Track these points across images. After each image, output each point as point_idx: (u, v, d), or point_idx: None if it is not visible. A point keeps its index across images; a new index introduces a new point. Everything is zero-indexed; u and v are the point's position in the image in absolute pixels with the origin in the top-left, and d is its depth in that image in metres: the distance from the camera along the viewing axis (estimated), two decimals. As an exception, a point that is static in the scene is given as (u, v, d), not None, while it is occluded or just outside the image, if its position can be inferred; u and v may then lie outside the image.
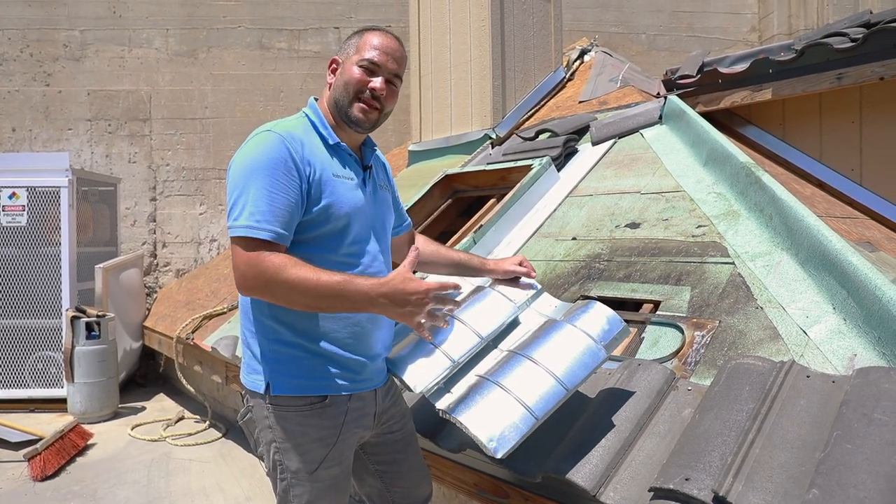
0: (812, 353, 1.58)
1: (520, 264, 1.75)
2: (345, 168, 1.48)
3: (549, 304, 1.71)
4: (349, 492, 1.55)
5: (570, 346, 1.48)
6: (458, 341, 1.53)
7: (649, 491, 1.33)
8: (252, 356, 1.47)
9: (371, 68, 1.45)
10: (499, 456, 1.33)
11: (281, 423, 1.42)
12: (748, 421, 1.34)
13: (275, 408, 1.42)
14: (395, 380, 1.62)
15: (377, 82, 1.45)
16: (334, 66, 1.51)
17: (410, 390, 1.51)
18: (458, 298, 1.59)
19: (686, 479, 1.26)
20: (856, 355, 1.51)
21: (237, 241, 1.32)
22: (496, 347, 1.60)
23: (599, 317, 1.54)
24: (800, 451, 1.25)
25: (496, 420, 1.37)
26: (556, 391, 1.42)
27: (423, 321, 1.35)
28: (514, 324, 1.65)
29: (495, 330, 1.61)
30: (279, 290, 1.30)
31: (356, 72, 1.45)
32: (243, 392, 1.53)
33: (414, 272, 1.39)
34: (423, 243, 1.80)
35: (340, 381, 1.44)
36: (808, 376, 1.43)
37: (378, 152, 1.68)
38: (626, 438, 1.52)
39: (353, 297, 1.31)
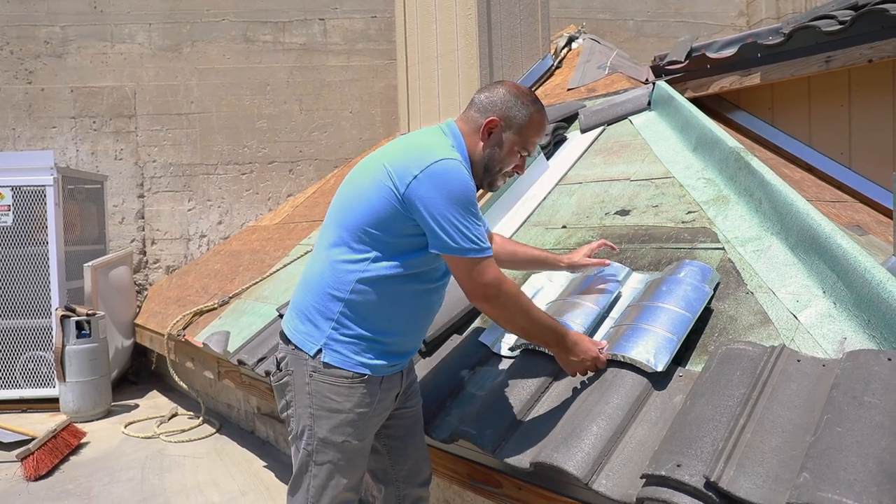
0: (802, 337, 1.58)
1: (593, 254, 2.00)
2: None
3: (639, 280, 2.04)
4: (365, 468, 1.65)
5: (682, 289, 1.76)
6: (583, 314, 1.89)
7: (641, 478, 1.33)
8: (311, 321, 1.56)
9: (524, 154, 1.63)
10: (659, 368, 1.58)
11: (321, 390, 1.53)
12: (739, 406, 1.33)
13: (318, 374, 1.53)
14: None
15: (523, 165, 1.66)
16: (494, 126, 1.58)
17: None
18: (568, 287, 2.11)
19: (678, 466, 1.26)
20: (846, 338, 1.51)
21: (469, 258, 1.46)
22: (608, 317, 1.93)
23: (694, 267, 1.86)
24: (791, 435, 1.25)
25: (648, 346, 1.63)
26: (685, 318, 1.68)
27: (580, 374, 1.68)
28: (617, 298, 1.99)
29: (607, 303, 1.94)
30: (512, 309, 1.51)
31: (517, 154, 1.62)
32: (280, 356, 1.63)
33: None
34: (501, 243, 1.96)
35: (382, 365, 1.57)
36: (798, 360, 1.43)
37: None
38: (618, 426, 1.52)
39: (556, 336, 1.59)
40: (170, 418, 4.36)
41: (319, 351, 1.53)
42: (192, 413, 4.46)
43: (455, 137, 1.59)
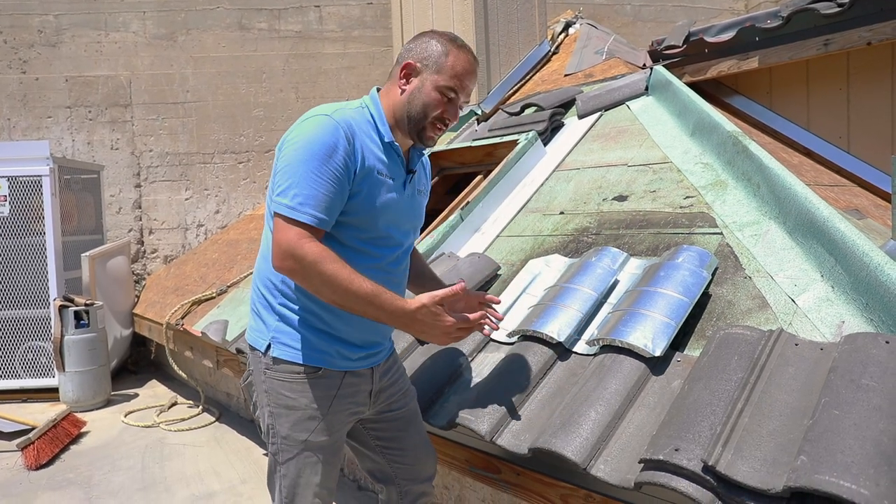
0: (800, 321, 1.57)
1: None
2: (391, 167, 1.49)
3: (637, 265, 2.03)
4: (339, 466, 1.58)
5: (680, 274, 1.75)
6: (581, 299, 1.89)
7: (639, 462, 1.33)
8: (258, 316, 1.52)
9: (451, 96, 1.47)
10: (657, 353, 1.58)
11: (275, 387, 1.47)
12: (737, 390, 1.33)
13: (271, 372, 1.47)
14: (520, 337, 1.90)
15: (451, 111, 1.49)
16: (408, 72, 1.48)
17: (555, 341, 1.80)
18: (566, 273, 2.07)
19: (676, 450, 1.26)
20: (844, 322, 1.51)
21: (279, 217, 1.34)
22: (606, 302, 1.93)
23: (692, 252, 1.85)
24: (788, 418, 1.26)
25: (646, 331, 1.62)
26: (683, 303, 1.68)
27: (449, 339, 1.46)
28: (615, 283, 1.99)
29: (605, 288, 1.94)
30: (313, 280, 1.33)
31: (437, 97, 1.46)
32: (246, 356, 1.58)
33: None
34: (416, 261, 1.83)
35: (337, 359, 1.48)
36: (796, 344, 1.43)
37: (425, 158, 1.71)
38: (616, 411, 1.52)
39: (384, 308, 1.37)
40: (169, 407, 4.37)
41: (269, 346, 1.47)
42: (191, 402, 4.47)
43: (372, 100, 1.50)
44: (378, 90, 1.54)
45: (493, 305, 1.68)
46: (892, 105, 3.16)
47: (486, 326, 1.62)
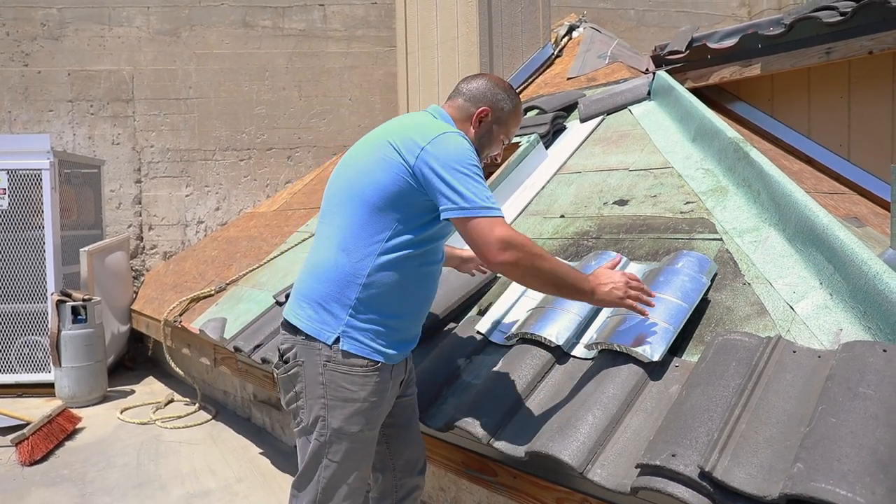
0: (799, 328, 1.58)
1: None
2: None
3: (636, 270, 2.03)
4: (373, 456, 1.66)
5: (679, 280, 1.77)
6: (580, 303, 1.86)
7: (636, 467, 1.33)
8: (325, 309, 1.54)
9: (505, 143, 1.73)
10: (655, 358, 1.59)
11: (336, 379, 1.52)
12: (735, 397, 1.33)
13: (335, 364, 1.51)
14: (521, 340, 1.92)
15: (500, 152, 1.76)
16: (482, 117, 1.67)
17: (553, 344, 1.82)
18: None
19: (672, 456, 1.26)
20: (842, 330, 1.51)
21: (480, 220, 1.43)
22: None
23: (692, 258, 1.87)
24: (785, 425, 1.26)
25: (644, 336, 1.63)
26: (682, 308, 1.69)
27: (629, 301, 1.57)
28: None
29: None
30: (535, 263, 1.45)
31: (499, 142, 1.72)
32: (286, 346, 1.60)
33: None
34: None
35: (393, 352, 1.57)
36: (794, 351, 1.43)
37: None
38: (614, 415, 1.52)
39: (579, 285, 1.53)
40: (166, 404, 4.37)
41: (337, 339, 1.51)
42: (188, 399, 4.47)
43: (446, 121, 1.64)
44: (447, 113, 1.68)
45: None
46: (893, 114, 3.16)
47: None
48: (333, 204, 1.59)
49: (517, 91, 4.43)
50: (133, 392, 4.78)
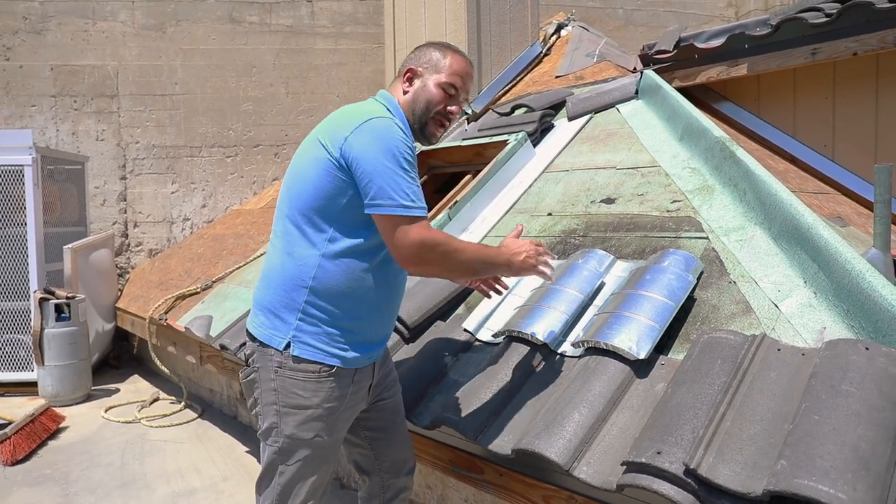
0: (783, 326, 1.59)
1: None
2: None
3: (623, 268, 2.04)
4: (334, 465, 1.60)
5: (666, 278, 1.77)
6: (566, 301, 1.91)
7: (622, 465, 1.34)
8: (275, 314, 1.51)
9: (452, 92, 1.58)
10: (642, 356, 1.59)
11: (287, 385, 1.48)
12: (720, 394, 1.34)
13: (286, 370, 1.48)
14: (507, 339, 1.92)
15: (454, 108, 1.59)
16: (411, 75, 1.59)
17: (540, 342, 1.82)
18: (555, 273, 2.03)
19: (658, 453, 1.27)
20: (825, 328, 1.53)
21: (399, 218, 1.39)
22: (592, 304, 1.95)
23: (678, 256, 1.87)
24: (770, 423, 1.27)
25: (631, 334, 1.64)
26: (668, 306, 1.69)
27: (540, 267, 1.60)
28: (601, 287, 2.01)
29: (591, 290, 1.96)
30: (450, 259, 1.45)
31: (440, 93, 1.57)
32: (247, 353, 1.58)
33: None
34: None
35: (352, 356, 1.51)
36: (778, 349, 1.44)
37: None
38: (600, 413, 1.53)
39: (496, 261, 1.54)
40: (151, 403, 4.33)
41: (288, 345, 1.47)
42: (173, 398, 4.43)
43: (388, 101, 1.57)
44: (390, 95, 1.61)
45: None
46: (876, 115, 3.20)
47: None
48: (279, 209, 1.57)
49: (502, 86, 4.45)
50: (118, 391, 4.73)
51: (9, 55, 5.85)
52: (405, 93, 1.58)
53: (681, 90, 3.37)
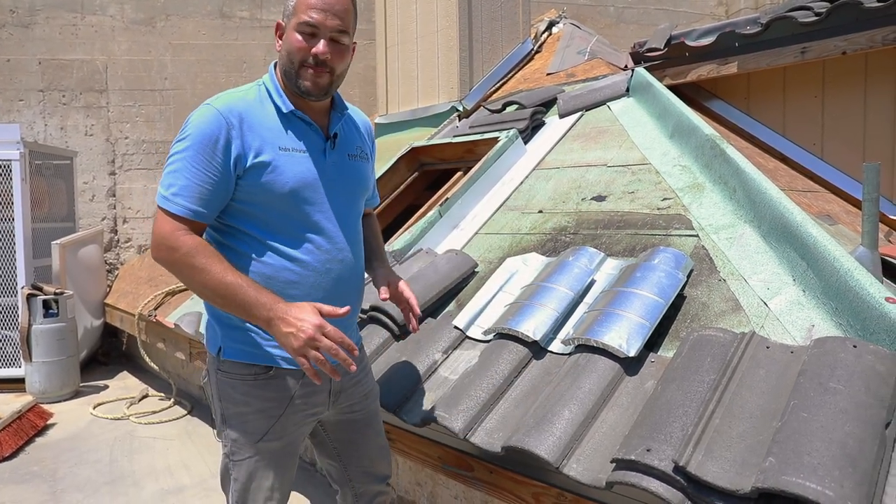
0: (772, 324, 1.60)
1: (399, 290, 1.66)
2: (299, 139, 1.40)
3: (613, 266, 2.04)
4: (293, 469, 1.52)
5: (656, 276, 1.77)
6: (557, 299, 1.90)
7: (611, 462, 1.34)
8: (210, 318, 1.46)
9: (311, 31, 1.35)
10: (631, 354, 1.59)
11: (227, 389, 1.42)
12: (709, 392, 1.35)
13: (223, 374, 1.42)
14: (504, 336, 1.89)
15: (319, 46, 1.35)
16: (279, 31, 1.42)
17: (530, 339, 1.81)
18: (543, 272, 2.06)
19: (647, 450, 1.27)
20: (814, 326, 1.53)
21: (158, 208, 1.33)
22: (583, 302, 1.94)
23: (668, 254, 1.87)
24: (758, 420, 1.27)
25: (621, 332, 1.64)
26: (658, 304, 1.69)
27: (302, 359, 1.22)
28: (591, 284, 2.00)
29: (581, 288, 1.95)
30: (184, 272, 1.30)
31: (297, 38, 1.35)
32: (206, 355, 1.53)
33: None
34: (368, 232, 1.72)
35: (281, 353, 1.39)
36: (767, 347, 1.45)
37: (352, 115, 1.59)
38: (590, 410, 1.53)
39: (252, 311, 1.25)
40: (140, 399, 4.30)
41: (220, 349, 1.41)
42: (163, 394, 4.41)
43: (265, 77, 1.45)
44: (275, 65, 1.46)
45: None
46: (865, 114, 3.22)
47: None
48: None
49: (494, 83, 4.44)
50: (107, 387, 4.70)
51: (-5, 48, 5.78)
52: (279, 52, 1.41)
53: (671, 88, 3.37)
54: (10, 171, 4.55)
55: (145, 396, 4.38)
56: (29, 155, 4.66)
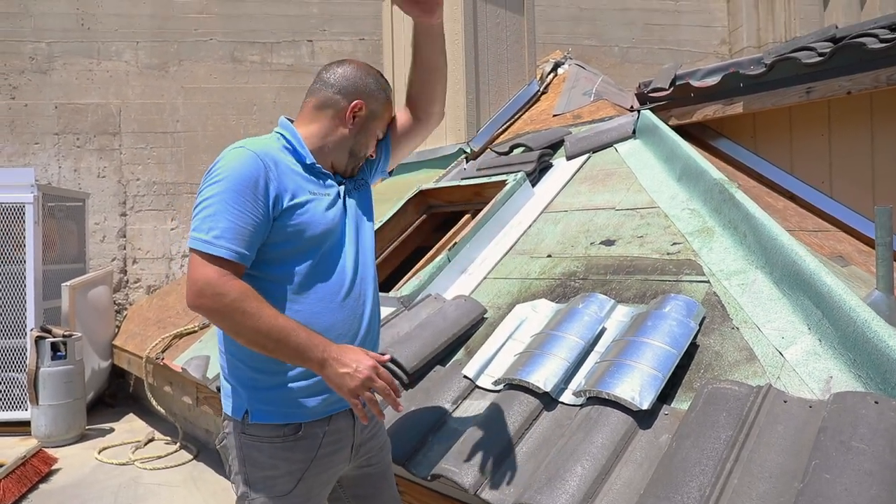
0: (788, 374, 1.56)
1: None
2: (321, 186, 1.45)
3: (624, 313, 2.02)
4: None
5: (667, 324, 1.75)
6: (567, 347, 1.88)
7: (627, 523, 1.30)
8: (230, 382, 1.44)
9: (381, 137, 1.58)
10: (645, 406, 1.56)
11: (253, 454, 1.40)
12: (726, 449, 1.31)
13: (248, 437, 1.40)
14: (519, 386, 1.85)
15: (373, 147, 1.56)
16: (359, 111, 1.47)
17: (541, 391, 1.78)
18: (552, 319, 2.06)
19: (664, 512, 1.23)
20: (832, 377, 1.50)
21: (195, 253, 1.27)
22: (594, 350, 1.92)
23: (679, 301, 1.86)
24: (778, 480, 1.23)
25: (633, 383, 1.61)
26: (670, 354, 1.67)
27: (356, 400, 1.27)
28: (602, 332, 1.98)
29: (592, 337, 1.93)
30: (235, 318, 1.25)
31: (374, 142, 1.55)
32: (222, 415, 1.50)
33: None
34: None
35: (313, 405, 1.40)
36: (785, 401, 1.41)
37: None
38: (603, 466, 1.49)
39: (306, 353, 1.26)
40: (146, 443, 4.25)
41: (246, 412, 1.39)
42: (169, 438, 4.36)
43: (280, 130, 1.48)
44: (290, 120, 1.51)
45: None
46: (872, 152, 3.22)
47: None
48: None
49: (500, 125, 4.49)
50: (112, 430, 4.65)
51: (14, 94, 5.92)
52: (349, 130, 1.48)
53: (677, 128, 3.39)
54: (24, 213, 4.61)
55: (151, 440, 4.33)
56: (42, 198, 4.72)
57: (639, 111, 3.22)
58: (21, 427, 4.47)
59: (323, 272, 1.41)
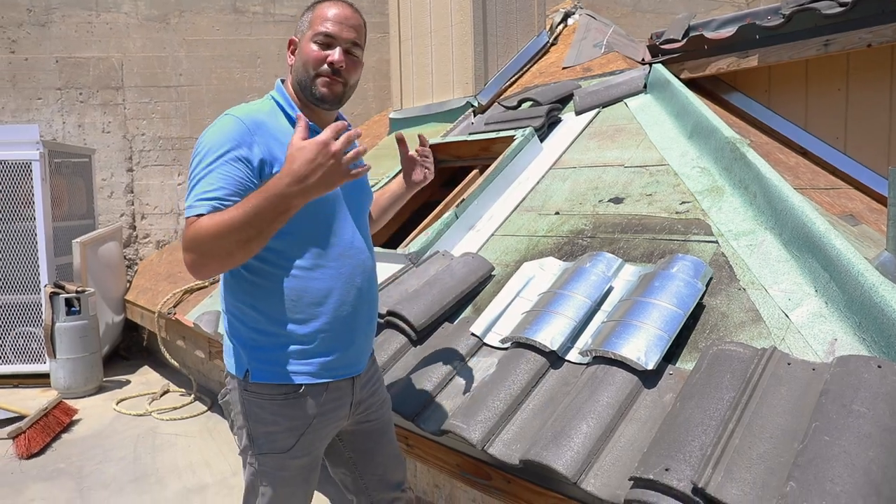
0: (793, 336, 1.57)
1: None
2: None
3: (631, 272, 2.02)
4: (316, 481, 1.56)
5: (674, 285, 1.76)
6: (574, 307, 1.90)
7: (629, 479, 1.34)
8: (232, 341, 1.47)
9: (327, 42, 1.41)
10: (650, 367, 1.58)
11: (254, 409, 1.43)
12: (728, 410, 1.34)
13: (250, 394, 1.43)
14: (523, 346, 1.88)
15: (335, 54, 1.41)
16: (292, 46, 1.48)
17: (548, 349, 1.81)
18: (560, 278, 2.07)
19: (666, 470, 1.27)
20: (836, 340, 1.51)
21: (186, 223, 1.29)
22: (600, 310, 1.93)
23: (687, 262, 1.86)
24: (779, 440, 1.26)
25: (639, 343, 1.63)
26: (676, 315, 1.68)
27: (342, 170, 1.20)
28: (609, 291, 1.99)
29: (599, 296, 1.94)
30: (210, 244, 1.22)
31: (313, 48, 1.41)
32: (225, 372, 1.53)
33: None
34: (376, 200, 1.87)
35: (317, 370, 1.43)
36: (788, 364, 1.43)
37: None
38: (608, 424, 1.52)
39: (267, 203, 1.19)
40: (161, 395, 4.37)
41: (247, 372, 1.42)
42: (183, 390, 4.47)
43: (273, 92, 1.50)
44: (283, 81, 1.51)
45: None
46: (891, 107, 3.15)
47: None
48: None
49: (508, 77, 4.39)
50: (129, 382, 4.78)
51: (14, 48, 5.84)
52: (291, 68, 1.47)
53: (690, 81, 3.32)
54: (31, 171, 4.61)
55: (166, 392, 4.45)
56: (48, 154, 4.71)
57: (650, 65, 3.15)
58: (41, 379, 4.60)
59: (318, 238, 1.41)
